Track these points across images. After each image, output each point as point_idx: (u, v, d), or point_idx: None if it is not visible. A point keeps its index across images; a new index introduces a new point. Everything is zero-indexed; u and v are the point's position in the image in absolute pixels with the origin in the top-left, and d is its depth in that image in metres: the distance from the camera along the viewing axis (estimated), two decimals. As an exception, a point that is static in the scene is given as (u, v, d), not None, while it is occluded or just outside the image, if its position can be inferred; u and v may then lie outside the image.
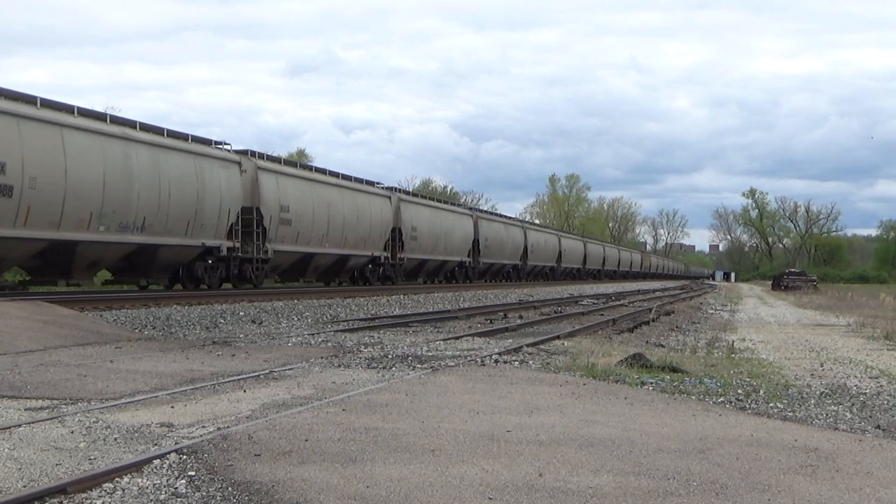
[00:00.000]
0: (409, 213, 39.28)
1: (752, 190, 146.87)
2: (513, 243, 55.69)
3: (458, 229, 46.00)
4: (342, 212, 32.18)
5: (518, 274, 57.42)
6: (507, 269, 55.77)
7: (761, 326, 23.22)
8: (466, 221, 47.99)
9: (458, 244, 46.08)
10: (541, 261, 63.11)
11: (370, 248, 34.93)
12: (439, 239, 42.85)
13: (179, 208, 23.47)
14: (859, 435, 7.22)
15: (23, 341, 11.98)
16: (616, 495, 4.96)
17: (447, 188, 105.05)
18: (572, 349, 13.11)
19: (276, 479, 5.13)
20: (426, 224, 41.05)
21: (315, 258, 30.91)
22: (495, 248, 52.12)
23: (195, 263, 24.96)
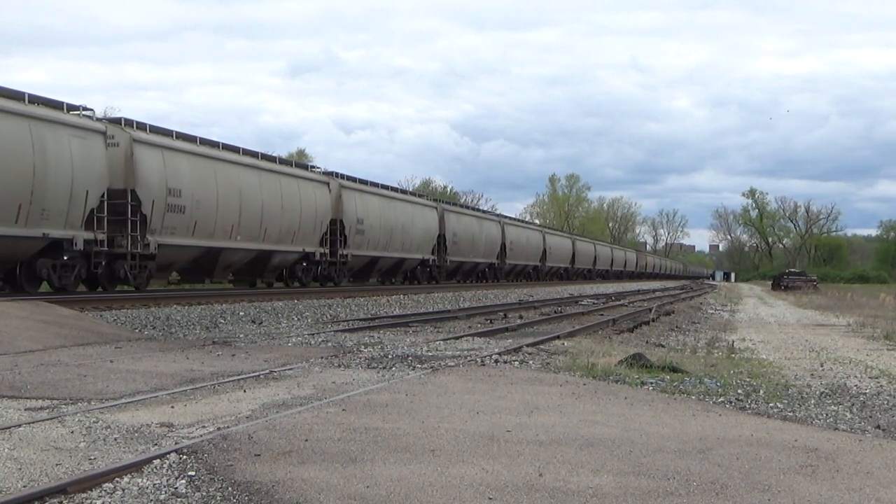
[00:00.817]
0: (354, 202, 33.76)
1: (752, 190, 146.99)
2: (487, 240, 50.52)
3: (420, 223, 40.43)
4: (259, 198, 26.79)
5: (495, 274, 52.69)
6: (481, 268, 50.84)
7: (761, 326, 23.22)
8: (430, 214, 42.37)
9: (420, 240, 40.50)
10: (522, 259, 58.67)
11: (301, 243, 29.74)
12: (394, 233, 37.39)
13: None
14: (859, 435, 7.22)
15: (23, 341, 11.98)
16: (616, 495, 4.96)
17: (447, 188, 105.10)
18: (572, 349, 13.11)
19: (276, 479, 5.13)
20: (376, 216, 35.42)
21: (224, 254, 25.55)
22: (466, 245, 46.74)
23: (38, 260, 19.46)
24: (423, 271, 42.29)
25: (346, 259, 32.88)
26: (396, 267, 39.31)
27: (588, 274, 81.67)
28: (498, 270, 53.32)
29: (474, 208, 57.42)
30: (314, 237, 30.50)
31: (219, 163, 25.31)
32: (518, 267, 58.94)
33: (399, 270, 40.04)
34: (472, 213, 52.21)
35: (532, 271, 62.48)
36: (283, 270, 29.94)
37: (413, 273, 41.63)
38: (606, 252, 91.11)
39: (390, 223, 36.99)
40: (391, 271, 39.60)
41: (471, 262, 48.73)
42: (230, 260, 26.20)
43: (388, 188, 39.44)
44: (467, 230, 47.26)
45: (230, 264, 26.56)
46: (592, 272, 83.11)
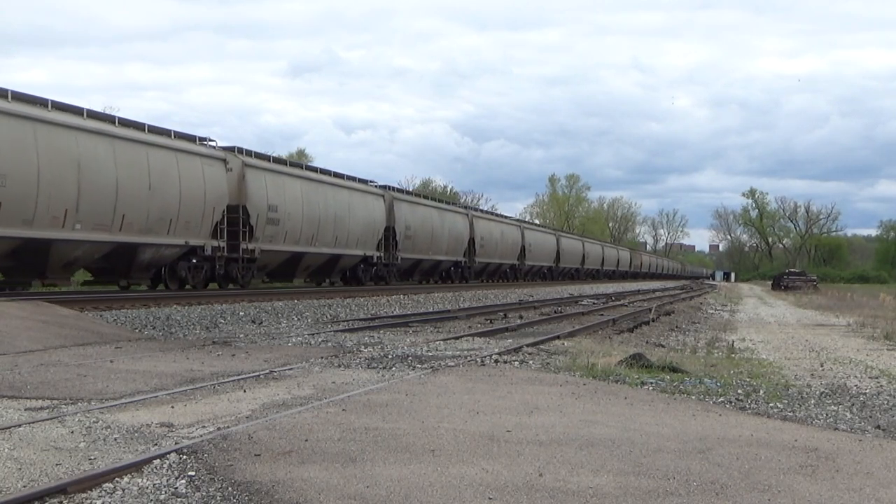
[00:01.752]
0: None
1: (752, 190, 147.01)
2: (452, 235, 44.15)
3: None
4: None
5: (462, 273, 46.20)
6: (444, 266, 44.28)
7: (761, 326, 23.22)
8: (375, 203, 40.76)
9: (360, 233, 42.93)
10: (496, 257, 52.19)
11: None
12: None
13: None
14: (859, 435, 7.22)
15: (23, 341, 11.98)
16: (616, 495, 4.96)
17: (447, 188, 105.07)
18: (572, 349, 13.11)
19: (276, 479, 5.13)
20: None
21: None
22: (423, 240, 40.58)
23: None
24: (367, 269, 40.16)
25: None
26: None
27: (576, 274, 74.89)
28: (466, 270, 46.66)
29: (438, 199, 46.39)
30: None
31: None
32: (492, 266, 52.26)
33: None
34: (433, 203, 43.42)
35: (508, 271, 56.00)
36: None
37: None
38: (597, 250, 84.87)
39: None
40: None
41: (431, 260, 42.13)
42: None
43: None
44: (424, 222, 40.55)
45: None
46: (581, 272, 76.18)
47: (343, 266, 33.49)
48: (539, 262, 62.05)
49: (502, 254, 53.06)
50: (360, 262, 34.05)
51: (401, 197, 38.23)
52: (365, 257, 34.09)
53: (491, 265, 51.69)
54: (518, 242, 56.21)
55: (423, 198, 39.79)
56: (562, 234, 74.31)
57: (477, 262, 48.01)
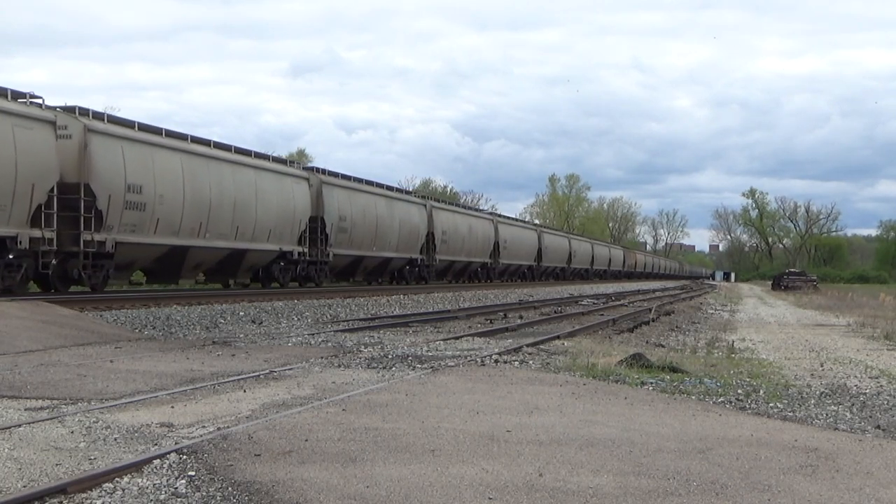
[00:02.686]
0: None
1: (752, 190, 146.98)
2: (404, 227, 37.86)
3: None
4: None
5: (419, 272, 40.19)
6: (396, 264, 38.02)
7: (761, 326, 23.22)
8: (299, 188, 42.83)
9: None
10: (462, 255, 45.55)
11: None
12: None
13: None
14: (859, 435, 7.22)
15: (23, 341, 11.98)
16: (616, 495, 4.96)
17: (447, 188, 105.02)
18: (572, 349, 13.11)
19: (276, 479, 5.13)
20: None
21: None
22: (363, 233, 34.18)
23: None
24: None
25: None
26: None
27: (561, 274, 68.65)
28: (424, 269, 40.46)
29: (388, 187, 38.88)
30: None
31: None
32: (458, 264, 45.77)
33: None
34: (378, 191, 36.85)
35: (480, 270, 49.57)
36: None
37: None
38: (585, 248, 78.46)
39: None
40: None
41: (377, 258, 35.79)
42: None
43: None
44: (366, 212, 34.26)
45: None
46: (567, 272, 69.97)
47: (253, 263, 27.58)
48: (517, 260, 56.04)
49: (470, 251, 46.86)
50: (276, 258, 28.20)
51: (333, 181, 32.44)
52: (282, 253, 28.29)
53: (457, 263, 45.45)
54: (490, 238, 50.11)
55: (368, 184, 35.32)
56: (545, 229, 67.53)
57: (438, 261, 41.69)
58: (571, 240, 74.76)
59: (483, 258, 49.32)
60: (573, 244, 73.25)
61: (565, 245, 70.17)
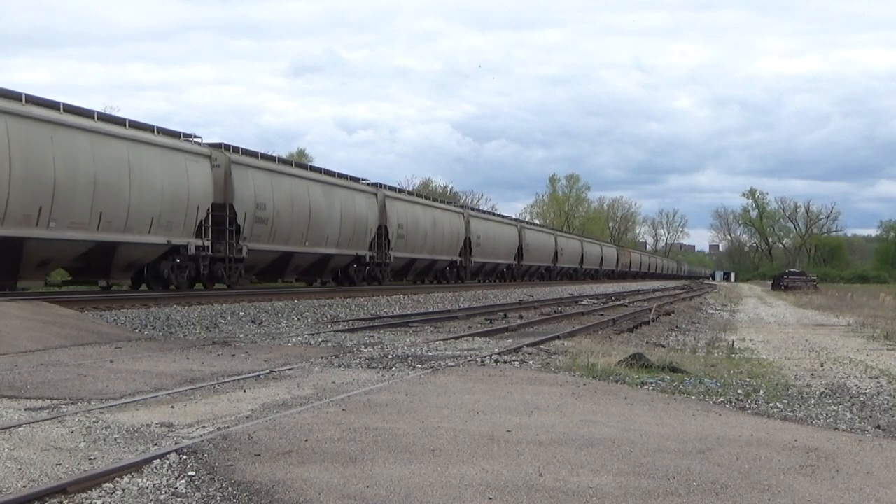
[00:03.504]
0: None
1: (752, 190, 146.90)
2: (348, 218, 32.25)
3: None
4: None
5: (371, 272, 35.02)
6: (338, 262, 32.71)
7: (761, 326, 23.22)
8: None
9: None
10: (425, 252, 40.27)
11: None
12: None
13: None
14: (859, 435, 7.23)
15: (23, 341, 11.98)
16: (616, 495, 4.96)
17: (447, 188, 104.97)
18: (572, 349, 13.11)
19: (276, 479, 5.13)
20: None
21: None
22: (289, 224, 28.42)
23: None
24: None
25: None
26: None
27: (546, 274, 63.40)
28: (378, 267, 35.35)
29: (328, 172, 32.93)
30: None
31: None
32: (419, 263, 40.45)
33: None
34: (310, 174, 31.19)
35: (449, 269, 44.43)
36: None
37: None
38: (573, 246, 71.93)
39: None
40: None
41: (309, 254, 30.07)
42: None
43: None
44: (295, 203, 28.82)
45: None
46: (553, 271, 64.62)
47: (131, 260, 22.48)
48: (493, 259, 50.86)
49: (434, 248, 41.30)
50: (166, 252, 23.07)
51: (247, 161, 26.46)
52: (173, 247, 23.09)
53: (419, 262, 40.56)
54: (460, 234, 45.01)
55: (299, 167, 30.86)
56: (526, 225, 62.15)
57: (393, 258, 36.66)
58: (558, 237, 68.28)
59: (451, 256, 43.70)
60: (560, 241, 67.11)
61: (550, 242, 64.50)
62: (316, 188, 30.34)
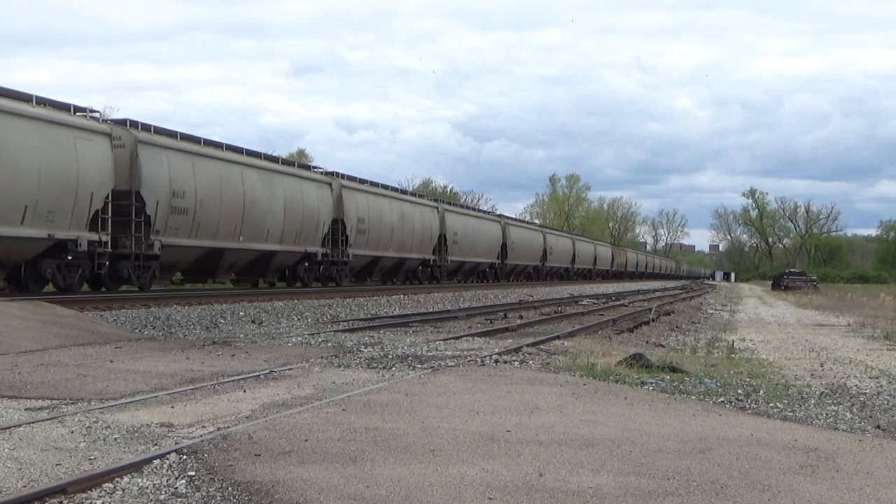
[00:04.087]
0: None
1: (752, 190, 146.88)
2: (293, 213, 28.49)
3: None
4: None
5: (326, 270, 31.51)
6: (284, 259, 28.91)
7: (761, 326, 23.22)
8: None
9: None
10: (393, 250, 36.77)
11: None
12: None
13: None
14: (859, 435, 7.23)
15: (23, 341, 11.98)
16: (616, 495, 4.96)
17: (447, 188, 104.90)
18: (572, 349, 13.11)
19: (276, 479, 5.13)
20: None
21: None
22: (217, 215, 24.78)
23: None
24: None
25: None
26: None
27: (534, 274, 59.08)
28: (334, 266, 32.01)
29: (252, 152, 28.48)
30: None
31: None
32: (386, 261, 36.80)
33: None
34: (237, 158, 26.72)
35: (420, 269, 40.71)
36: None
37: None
38: (564, 245, 67.16)
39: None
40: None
41: (245, 251, 26.32)
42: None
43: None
44: (226, 190, 24.94)
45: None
46: (541, 271, 59.87)
47: None
48: (472, 257, 47.70)
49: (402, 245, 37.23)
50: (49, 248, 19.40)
51: (157, 141, 22.67)
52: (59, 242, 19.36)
53: (383, 260, 36.54)
54: (434, 230, 41.69)
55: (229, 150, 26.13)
56: (511, 222, 56.51)
57: (352, 256, 32.71)
58: (547, 234, 63.11)
59: (424, 254, 40.28)
60: (549, 239, 62.08)
61: (538, 240, 59.84)
62: (252, 174, 26.17)
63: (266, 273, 28.67)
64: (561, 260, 65.48)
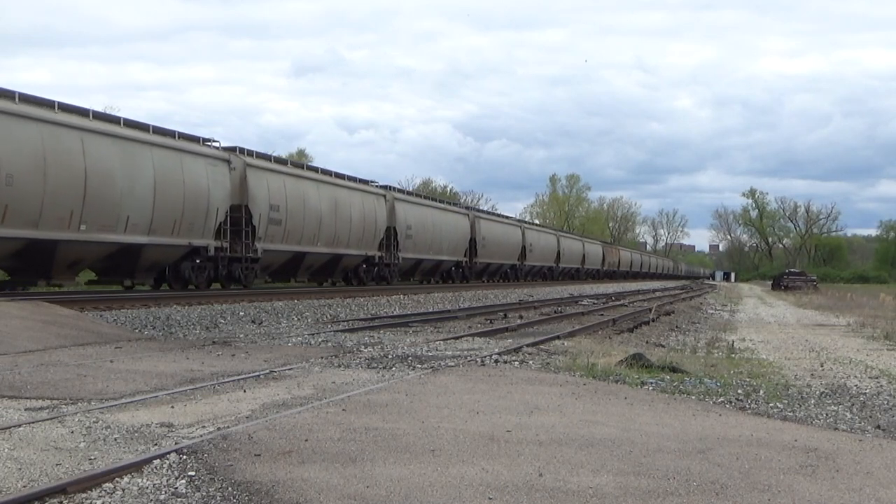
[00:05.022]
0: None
1: (752, 190, 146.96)
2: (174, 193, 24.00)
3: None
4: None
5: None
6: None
7: (761, 326, 23.21)
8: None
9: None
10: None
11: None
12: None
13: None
14: (859, 435, 7.23)
15: (23, 341, 11.98)
16: (616, 495, 4.96)
17: (447, 188, 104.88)
18: (572, 349, 13.11)
19: (276, 479, 5.13)
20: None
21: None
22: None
23: None
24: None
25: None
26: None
27: (511, 273, 54.73)
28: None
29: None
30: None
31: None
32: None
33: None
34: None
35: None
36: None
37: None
38: (546, 241, 61.60)
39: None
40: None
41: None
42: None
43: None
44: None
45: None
46: (519, 270, 55.55)
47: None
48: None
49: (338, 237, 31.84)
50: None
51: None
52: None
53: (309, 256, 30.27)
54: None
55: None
56: (481, 215, 51.47)
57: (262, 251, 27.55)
58: (526, 229, 57.88)
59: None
60: (529, 237, 57.21)
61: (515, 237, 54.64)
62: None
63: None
64: (543, 258, 61.19)
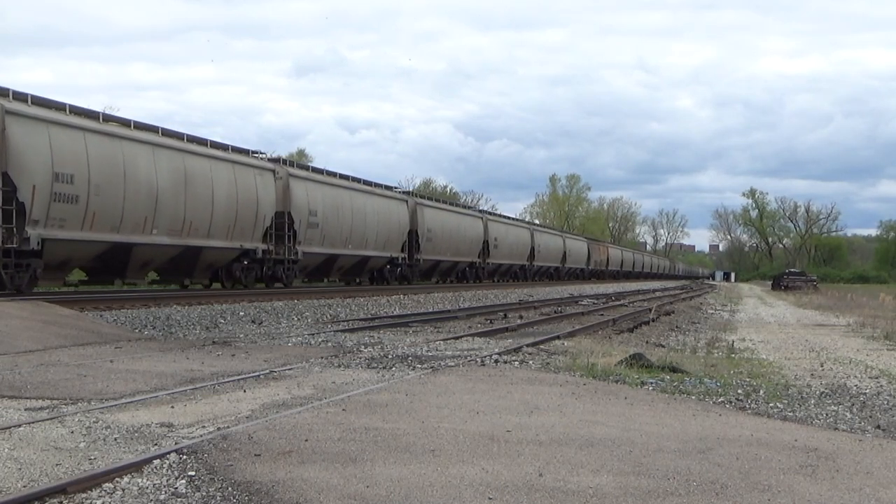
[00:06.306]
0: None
1: (752, 190, 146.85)
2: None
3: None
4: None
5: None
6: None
7: (761, 326, 23.21)
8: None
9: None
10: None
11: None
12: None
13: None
14: (859, 435, 7.23)
15: (23, 341, 11.98)
16: (616, 495, 4.96)
17: (447, 188, 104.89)
18: (572, 349, 13.11)
19: (276, 479, 5.13)
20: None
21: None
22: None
23: None
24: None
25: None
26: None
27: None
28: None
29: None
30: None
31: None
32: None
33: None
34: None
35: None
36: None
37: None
38: (516, 236, 54.52)
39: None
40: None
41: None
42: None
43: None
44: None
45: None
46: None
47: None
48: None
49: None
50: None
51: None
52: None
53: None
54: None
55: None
56: (427, 203, 42.77)
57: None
58: (490, 222, 50.18)
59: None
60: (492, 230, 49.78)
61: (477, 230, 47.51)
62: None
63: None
64: (550, 259, 57.98)
